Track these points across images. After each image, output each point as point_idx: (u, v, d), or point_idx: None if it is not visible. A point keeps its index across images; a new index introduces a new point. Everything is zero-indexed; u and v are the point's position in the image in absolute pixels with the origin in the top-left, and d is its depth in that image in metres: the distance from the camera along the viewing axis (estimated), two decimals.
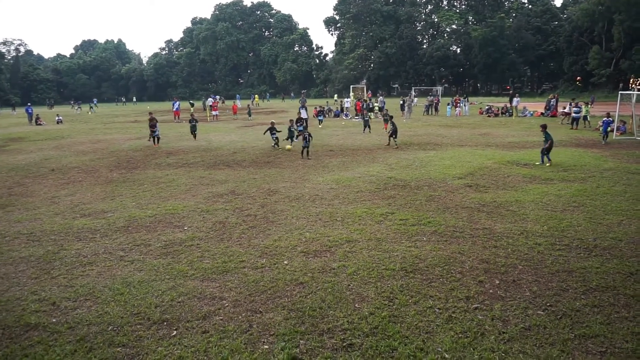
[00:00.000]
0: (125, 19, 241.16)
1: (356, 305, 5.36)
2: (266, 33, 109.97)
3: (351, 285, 5.89)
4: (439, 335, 4.69)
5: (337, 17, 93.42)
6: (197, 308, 5.40)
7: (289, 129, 19.89)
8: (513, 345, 4.48)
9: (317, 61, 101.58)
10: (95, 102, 74.73)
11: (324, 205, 9.78)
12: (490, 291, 5.65)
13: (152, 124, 20.06)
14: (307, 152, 16.54)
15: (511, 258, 6.64)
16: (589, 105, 26.98)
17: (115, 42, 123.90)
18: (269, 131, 18.97)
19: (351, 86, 53.99)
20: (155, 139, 20.42)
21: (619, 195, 10.01)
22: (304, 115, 26.57)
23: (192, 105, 53.38)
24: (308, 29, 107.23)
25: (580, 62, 64.16)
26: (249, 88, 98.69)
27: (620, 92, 23.60)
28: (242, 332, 4.86)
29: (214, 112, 37.76)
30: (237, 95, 67.49)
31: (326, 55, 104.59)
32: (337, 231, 8.01)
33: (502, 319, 4.97)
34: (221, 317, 5.18)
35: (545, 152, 13.89)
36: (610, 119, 19.37)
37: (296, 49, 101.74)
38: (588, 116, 25.40)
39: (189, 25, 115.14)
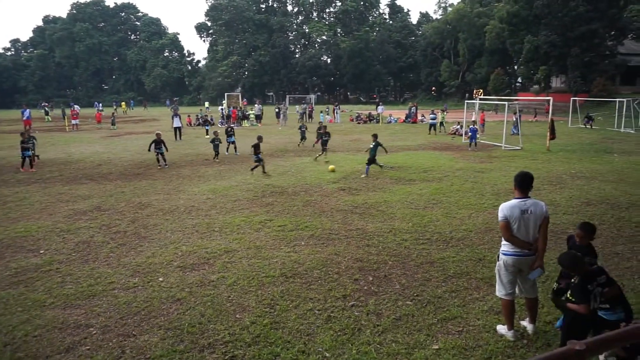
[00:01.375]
0: None
1: (237, 316, 5.29)
2: (132, 36, 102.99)
3: (231, 296, 5.79)
4: (320, 335, 4.85)
5: (209, 24, 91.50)
6: (59, 340, 4.84)
7: (214, 142, 17.32)
8: (387, 336, 4.81)
9: (190, 67, 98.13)
10: None
11: (200, 217, 9.47)
12: (365, 288, 6.00)
13: (24, 140, 15.84)
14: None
15: (382, 255, 7.13)
16: (445, 113, 30.39)
17: None
18: (153, 144, 15.93)
19: (226, 94, 53.22)
20: (26, 159, 15.86)
21: (468, 191, 11.39)
22: (176, 124, 25.51)
23: (47, 113, 47.68)
24: (179, 34, 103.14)
25: (435, 74, 71.95)
26: (115, 95, 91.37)
27: (466, 101, 26.95)
28: (114, 359, 4.48)
29: (73, 121, 34.24)
30: (96, 103, 62.15)
31: (199, 61, 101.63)
32: (215, 242, 7.82)
33: (376, 313, 5.31)
34: (88, 347, 4.70)
35: (369, 162, 13.86)
36: (475, 127, 20.83)
37: (166, 54, 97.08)
38: (444, 122, 28.70)
39: (40, 23, 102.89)
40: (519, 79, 65.05)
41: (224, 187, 12.39)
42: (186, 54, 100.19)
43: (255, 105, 41.40)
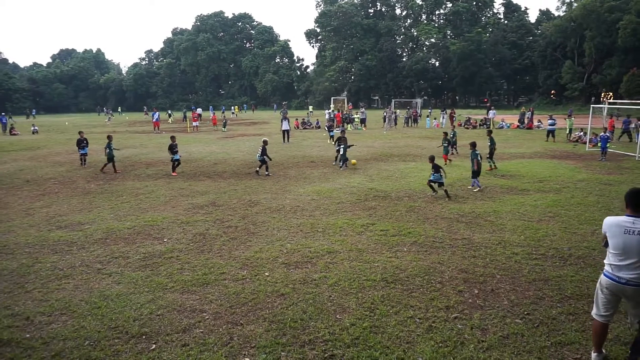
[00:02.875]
0: (105, 29, 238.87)
1: (337, 316, 5.37)
2: (247, 44, 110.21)
3: (332, 296, 5.89)
4: (420, 344, 4.73)
5: (318, 30, 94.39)
6: (177, 321, 5.33)
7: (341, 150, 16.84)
8: (492, 354, 4.54)
9: (298, 73, 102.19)
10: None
11: (305, 217, 9.79)
12: (470, 300, 5.72)
13: (173, 144, 15.87)
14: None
15: (489, 268, 6.75)
16: (572, 119, 27.26)
17: (94, 51, 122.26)
18: (263, 155, 15.27)
19: (332, 98, 54.46)
20: (175, 162, 15.97)
21: (592, 205, 10.29)
22: (285, 127, 26.62)
23: (170, 115, 52.89)
24: (289, 40, 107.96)
25: (554, 76, 66.14)
26: (230, 99, 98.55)
27: (592, 105, 24.33)
28: (223, 344, 4.81)
29: (194, 123, 37.53)
30: (211, 107, 67.48)
31: (307, 67, 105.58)
32: (318, 242, 8.03)
33: (481, 328, 5.04)
34: (201, 330, 5.12)
35: (475, 175, 12.28)
36: (607, 134, 18.51)
37: (277, 60, 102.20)
38: (572, 128, 25.85)
39: (170, 35, 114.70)
40: None
41: (328, 189, 12.67)
42: (295, 60, 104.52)
43: (360, 109, 41.72)
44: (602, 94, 51.05)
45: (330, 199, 11.47)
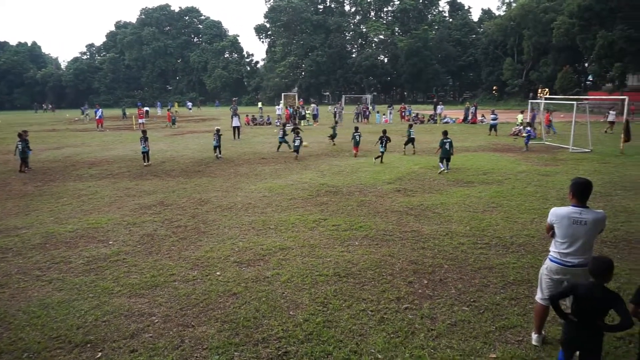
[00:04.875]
0: (41, 20, 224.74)
1: (291, 312, 5.37)
2: (195, 39, 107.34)
3: (285, 293, 5.88)
4: (372, 336, 4.81)
5: (268, 25, 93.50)
6: (124, 326, 5.13)
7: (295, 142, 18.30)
8: (441, 341, 4.70)
9: (248, 68, 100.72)
10: None
11: (256, 214, 9.70)
12: (420, 291, 5.89)
13: (145, 137, 16.72)
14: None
15: (438, 258, 6.97)
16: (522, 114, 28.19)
17: (29, 44, 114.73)
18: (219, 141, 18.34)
19: (283, 94, 54.20)
20: (145, 155, 16.95)
21: (531, 195, 10.86)
22: (235, 123, 26.21)
23: (84, 112, 50.39)
24: (238, 36, 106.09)
25: (496, 72, 69.23)
26: (178, 95, 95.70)
27: (530, 100, 25.64)
28: (174, 348, 4.68)
29: (140, 120, 36.22)
30: (158, 103, 65.56)
31: (257, 62, 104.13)
32: (270, 239, 7.98)
33: (431, 317, 5.20)
34: (151, 334, 4.96)
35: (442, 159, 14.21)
36: (530, 128, 19.98)
37: (227, 55, 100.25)
38: (518, 123, 26.73)
39: (113, 29, 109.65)
40: (590, 77, 61.21)
41: (279, 185, 12.61)
42: (245, 55, 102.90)
43: (312, 105, 41.79)
44: (539, 90, 53.93)
45: (282, 195, 11.43)
